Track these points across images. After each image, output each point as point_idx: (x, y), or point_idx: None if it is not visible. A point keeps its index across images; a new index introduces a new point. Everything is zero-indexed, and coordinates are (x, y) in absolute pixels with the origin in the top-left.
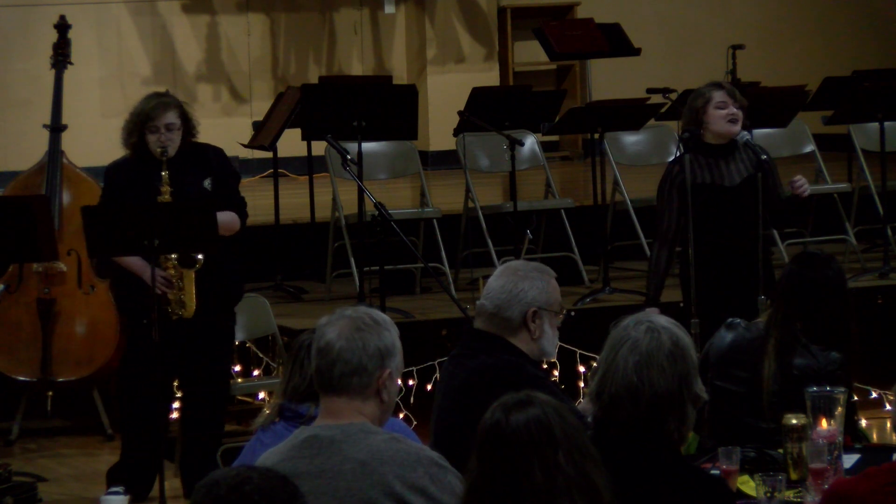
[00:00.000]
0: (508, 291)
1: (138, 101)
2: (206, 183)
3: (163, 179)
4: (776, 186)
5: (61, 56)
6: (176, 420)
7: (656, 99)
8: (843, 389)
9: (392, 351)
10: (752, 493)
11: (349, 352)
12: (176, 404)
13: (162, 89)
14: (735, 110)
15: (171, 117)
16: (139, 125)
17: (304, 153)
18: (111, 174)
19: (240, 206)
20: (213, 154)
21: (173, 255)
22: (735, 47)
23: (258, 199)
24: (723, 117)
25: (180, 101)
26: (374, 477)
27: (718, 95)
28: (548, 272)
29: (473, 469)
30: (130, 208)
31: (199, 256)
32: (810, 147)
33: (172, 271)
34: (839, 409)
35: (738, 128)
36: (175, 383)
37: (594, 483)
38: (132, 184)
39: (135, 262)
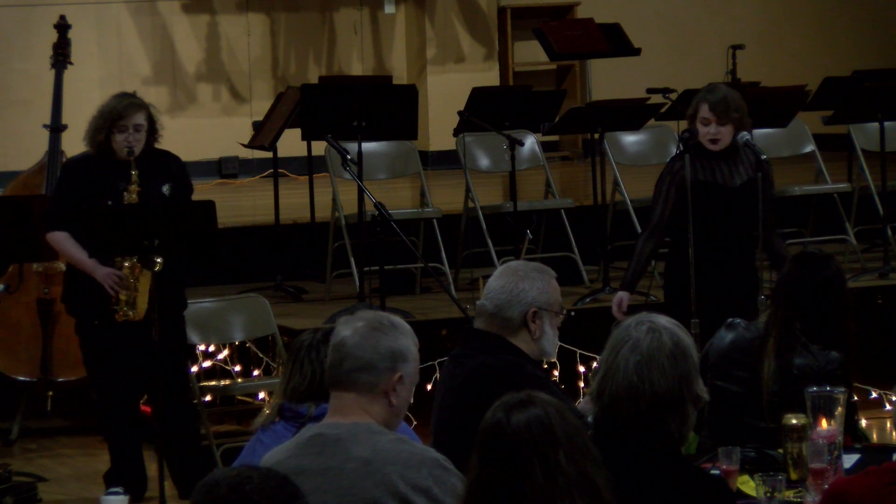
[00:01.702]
0: (509, 292)
1: (107, 100)
2: (165, 188)
3: (132, 179)
4: (770, 189)
5: (61, 56)
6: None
7: (656, 99)
8: (843, 389)
9: (405, 356)
10: (752, 493)
11: (360, 348)
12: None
13: (131, 90)
14: (714, 130)
15: (140, 118)
16: (109, 122)
17: (304, 153)
18: (70, 170)
19: None
20: (173, 161)
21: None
22: (735, 47)
23: (258, 199)
24: (704, 134)
25: (148, 104)
26: (378, 476)
27: (703, 110)
28: (548, 272)
29: (474, 469)
30: (130, 208)
31: (159, 259)
32: (810, 147)
33: (127, 271)
34: (839, 409)
35: (717, 147)
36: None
37: (595, 483)
38: (91, 182)
39: (84, 261)
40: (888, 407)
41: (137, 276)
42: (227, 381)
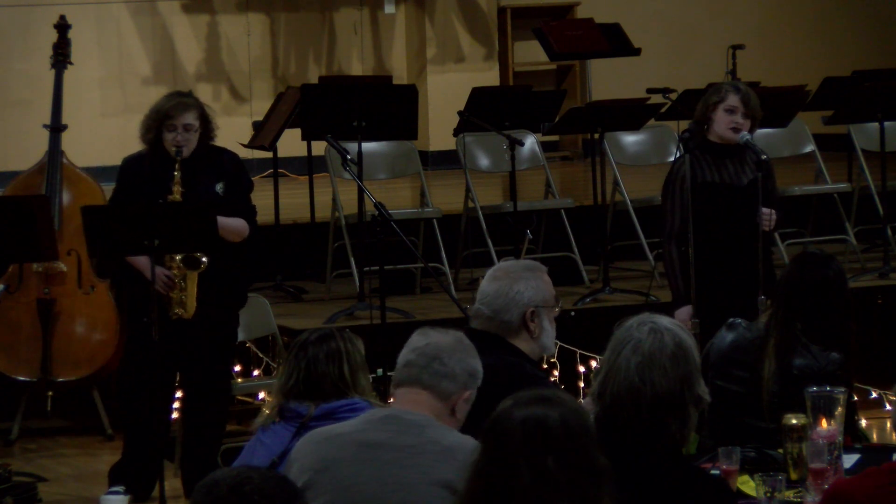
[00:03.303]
0: (504, 295)
1: (161, 98)
2: (219, 187)
3: (175, 179)
4: (774, 189)
5: (61, 56)
6: (177, 420)
7: (656, 99)
8: (843, 389)
9: (477, 378)
10: (752, 493)
11: (451, 358)
12: (176, 404)
13: (185, 90)
14: (741, 121)
15: (190, 118)
16: (158, 122)
17: (304, 153)
18: (126, 167)
19: (248, 214)
20: (229, 159)
21: (178, 256)
22: (735, 47)
23: (258, 199)
24: (727, 123)
25: (202, 103)
26: (456, 463)
27: (732, 99)
28: (539, 268)
29: (477, 453)
30: (131, 208)
31: (204, 259)
32: (810, 147)
33: (176, 271)
34: (839, 409)
35: (737, 136)
36: (176, 383)
37: (589, 496)
38: (145, 179)
39: (138, 259)
40: (888, 407)
41: (184, 276)
42: None
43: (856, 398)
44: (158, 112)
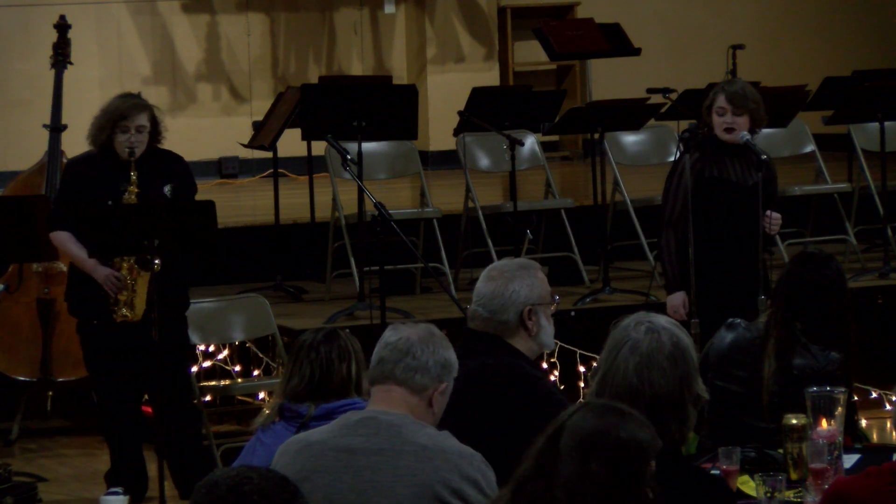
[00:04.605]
0: (500, 295)
1: (111, 100)
2: (167, 189)
3: (130, 180)
4: (775, 191)
5: (61, 56)
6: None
7: (656, 99)
8: (843, 389)
9: (452, 369)
10: (752, 493)
11: (420, 350)
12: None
13: (135, 91)
14: (731, 120)
15: (143, 119)
16: (112, 122)
17: (304, 153)
18: (73, 168)
19: None
20: (176, 162)
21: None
22: (735, 47)
23: (258, 199)
24: (720, 124)
25: (151, 105)
26: (435, 462)
27: (719, 101)
28: (533, 266)
29: (539, 441)
30: (131, 208)
31: (157, 260)
32: (810, 147)
33: (126, 272)
34: (839, 409)
35: (733, 136)
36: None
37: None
38: (94, 181)
39: (85, 261)
40: (888, 407)
41: (135, 278)
42: (227, 381)
43: (856, 398)
44: (113, 113)
